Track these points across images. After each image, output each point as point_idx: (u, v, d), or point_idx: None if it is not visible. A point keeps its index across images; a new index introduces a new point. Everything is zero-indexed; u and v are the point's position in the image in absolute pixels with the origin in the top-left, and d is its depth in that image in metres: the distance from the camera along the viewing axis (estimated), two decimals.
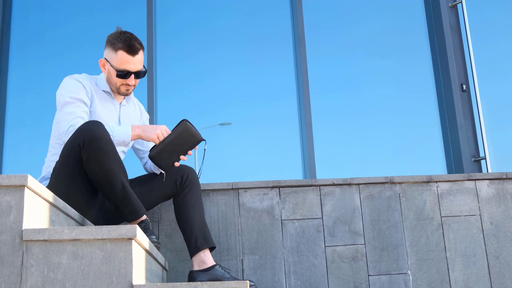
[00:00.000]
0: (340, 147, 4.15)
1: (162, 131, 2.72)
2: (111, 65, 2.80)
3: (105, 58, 2.84)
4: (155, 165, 2.96)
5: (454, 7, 4.36)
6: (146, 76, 4.03)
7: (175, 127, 2.76)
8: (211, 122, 4.16)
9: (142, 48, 2.84)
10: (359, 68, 4.31)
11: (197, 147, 2.83)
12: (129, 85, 2.84)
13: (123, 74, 2.79)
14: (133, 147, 3.08)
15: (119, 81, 2.82)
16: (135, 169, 3.15)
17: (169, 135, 2.73)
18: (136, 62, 2.80)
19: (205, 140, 2.82)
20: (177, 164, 2.77)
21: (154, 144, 2.77)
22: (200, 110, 4.17)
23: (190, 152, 2.81)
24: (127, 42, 2.78)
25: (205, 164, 2.88)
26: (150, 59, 4.07)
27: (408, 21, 4.45)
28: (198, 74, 4.23)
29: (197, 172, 2.95)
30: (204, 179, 3.15)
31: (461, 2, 4.29)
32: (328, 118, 4.18)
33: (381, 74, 4.31)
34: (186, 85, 4.21)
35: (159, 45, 4.22)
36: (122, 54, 2.77)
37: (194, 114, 4.14)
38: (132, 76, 2.82)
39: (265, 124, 4.16)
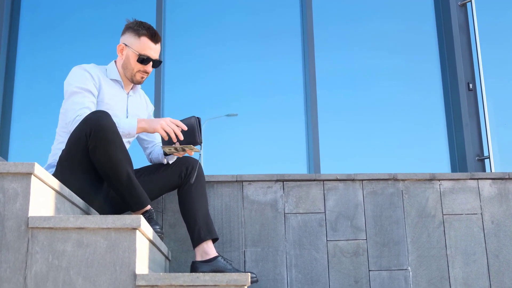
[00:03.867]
0: (344, 142, 4.16)
1: (166, 121, 2.74)
2: (132, 50, 2.86)
3: (124, 44, 2.89)
4: (162, 155, 2.98)
5: (464, 5, 4.35)
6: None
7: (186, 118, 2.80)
8: (218, 114, 4.18)
9: (161, 40, 2.97)
10: (366, 65, 4.32)
11: (192, 151, 2.81)
12: (146, 72, 2.91)
13: (144, 60, 2.86)
14: (137, 137, 3.11)
15: (137, 66, 2.88)
16: (140, 159, 3.18)
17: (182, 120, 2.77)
18: (156, 50, 2.92)
19: (200, 145, 2.81)
20: (175, 152, 2.77)
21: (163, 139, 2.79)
22: (207, 102, 4.19)
23: (188, 151, 2.80)
24: (150, 31, 2.89)
25: (210, 156, 2.90)
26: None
27: (417, 19, 4.45)
28: (206, 67, 4.25)
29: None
30: (209, 171, 3.17)
31: (471, 1, 4.28)
32: (334, 114, 4.19)
33: (389, 71, 4.32)
34: (193, 77, 4.23)
35: (168, 37, 4.24)
36: (145, 40, 2.87)
37: (201, 107, 4.16)
38: (151, 63, 2.89)
39: (271, 117, 4.18)
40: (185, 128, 2.73)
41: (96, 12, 4.28)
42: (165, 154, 2.88)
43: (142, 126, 2.73)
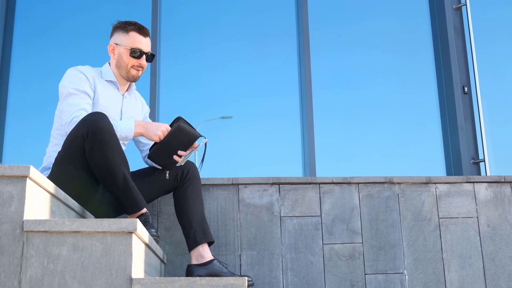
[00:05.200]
0: (340, 145, 4.15)
1: (163, 132, 2.75)
2: (123, 46, 2.88)
3: (115, 43, 2.91)
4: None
5: (459, 9, 4.36)
6: (149, 69, 4.04)
7: (171, 124, 2.79)
8: (213, 116, 4.17)
9: (149, 34, 2.99)
10: (362, 67, 4.32)
11: (196, 145, 2.84)
12: (140, 66, 2.90)
13: (136, 54, 2.87)
14: (133, 139, 3.09)
15: (131, 61, 2.88)
16: (136, 161, 3.16)
17: (166, 136, 2.76)
18: (147, 44, 2.93)
19: (203, 136, 2.83)
20: (178, 159, 2.78)
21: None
22: (202, 104, 4.18)
23: (195, 146, 2.84)
24: (137, 25, 2.92)
25: (206, 158, 2.89)
26: (154, 53, 4.08)
27: (413, 22, 4.45)
28: (201, 68, 4.24)
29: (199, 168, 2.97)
30: (204, 174, 3.16)
31: (466, 4, 4.29)
32: (330, 115, 4.19)
33: (384, 74, 4.31)
34: (189, 79, 4.21)
35: (163, 39, 4.23)
36: (134, 34, 2.89)
37: (196, 109, 4.15)
38: (144, 56, 2.90)
39: (266, 119, 4.17)
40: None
41: (91, 15, 4.26)
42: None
43: (139, 131, 2.74)
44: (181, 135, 2.76)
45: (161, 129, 2.75)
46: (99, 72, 2.93)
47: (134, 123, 2.73)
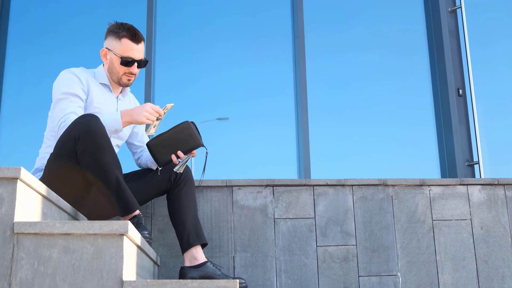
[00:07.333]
0: (334, 147, 4.16)
1: (149, 110, 2.67)
2: (114, 54, 2.83)
3: (107, 48, 2.87)
4: (150, 160, 2.97)
5: (454, 12, 4.37)
6: (144, 72, 4.04)
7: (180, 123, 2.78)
8: (208, 117, 4.17)
9: (143, 39, 2.91)
10: (357, 69, 4.32)
11: (195, 152, 2.82)
12: (131, 74, 2.86)
13: (127, 62, 2.83)
14: (126, 141, 3.09)
15: (122, 69, 2.85)
16: (129, 164, 3.16)
17: (169, 130, 2.74)
18: (139, 50, 2.87)
19: (205, 147, 2.81)
20: (174, 159, 2.76)
21: (153, 136, 2.78)
22: (197, 107, 4.17)
23: (193, 153, 2.81)
24: (131, 31, 2.85)
25: (200, 160, 2.89)
26: (149, 55, 4.08)
27: (408, 24, 4.46)
28: (196, 71, 4.24)
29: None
30: (198, 176, 3.15)
31: (461, 7, 4.30)
32: (325, 117, 4.19)
33: (379, 76, 4.32)
34: (184, 81, 4.21)
35: (158, 41, 4.22)
36: (126, 41, 2.83)
37: (191, 111, 4.14)
38: (135, 64, 2.85)
39: (261, 121, 4.17)
40: (162, 113, 2.71)
41: (86, 17, 4.26)
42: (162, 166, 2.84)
43: (126, 120, 2.66)
44: (186, 136, 2.75)
45: (145, 109, 2.66)
46: (93, 74, 2.92)
47: (120, 113, 2.67)
